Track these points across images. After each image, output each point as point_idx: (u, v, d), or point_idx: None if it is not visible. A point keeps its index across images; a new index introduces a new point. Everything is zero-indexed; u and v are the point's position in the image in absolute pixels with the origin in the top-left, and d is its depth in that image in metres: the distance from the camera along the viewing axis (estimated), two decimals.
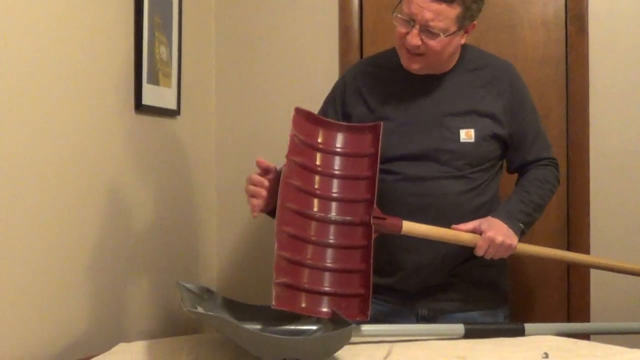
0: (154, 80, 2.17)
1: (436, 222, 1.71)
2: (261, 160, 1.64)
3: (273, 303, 1.51)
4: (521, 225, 1.77)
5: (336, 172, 1.68)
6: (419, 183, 1.79)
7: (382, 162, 1.69)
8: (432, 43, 1.72)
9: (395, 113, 1.82)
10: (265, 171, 1.65)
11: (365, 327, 1.58)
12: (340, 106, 1.90)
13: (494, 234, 1.70)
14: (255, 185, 1.64)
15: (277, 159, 1.68)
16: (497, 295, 1.92)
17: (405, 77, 1.84)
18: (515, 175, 1.96)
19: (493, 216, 1.76)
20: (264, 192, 1.64)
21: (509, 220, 1.75)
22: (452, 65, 1.85)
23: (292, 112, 1.66)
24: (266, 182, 1.64)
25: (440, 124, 1.81)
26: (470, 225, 1.73)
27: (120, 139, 2.02)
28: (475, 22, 1.80)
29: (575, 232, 2.43)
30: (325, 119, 1.78)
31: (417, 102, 1.83)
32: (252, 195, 1.64)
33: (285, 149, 1.63)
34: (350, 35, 2.57)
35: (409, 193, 1.79)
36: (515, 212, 1.78)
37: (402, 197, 1.78)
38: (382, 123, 1.71)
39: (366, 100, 1.87)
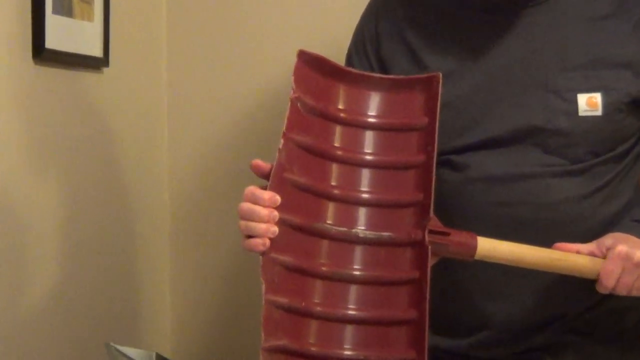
0: (65, 10, 2.12)
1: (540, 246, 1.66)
2: (258, 163, 1.60)
3: None
4: None
5: (367, 158, 1.64)
6: (508, 185, 1.74)
7: (441, 153, 1.66)
8: None
9: (462, 70, 1.78)
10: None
11: None
12: (374, 58, 1.88)
13: (628, 248, 1.64)
14: (261, 220, 1.58)
15: (264, 144, 1.63)
16: None
17: (474, 11, 1.80)
18: None
19: (618, 231, 1.72)
20: (274, 229, 1.59)
21: None
22: None
23: (295, 60, 1.60)
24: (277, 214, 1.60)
25: (542, 85, 1.75)
26: (586, 246, 1.66)
27: (9, 103, 1.97)
28: None
29: None
30: (348, 68, 1.75)
31: (498, 51, 1.79)
32: (256, 235, 1.59)
33: (279, 124, 1.58)
34: None
35: (490, 202, 1.74)
36: None
37: (477, 207, 1.74)
38: (440, 74, 1.64)
39: (413, 50, 1.84)
